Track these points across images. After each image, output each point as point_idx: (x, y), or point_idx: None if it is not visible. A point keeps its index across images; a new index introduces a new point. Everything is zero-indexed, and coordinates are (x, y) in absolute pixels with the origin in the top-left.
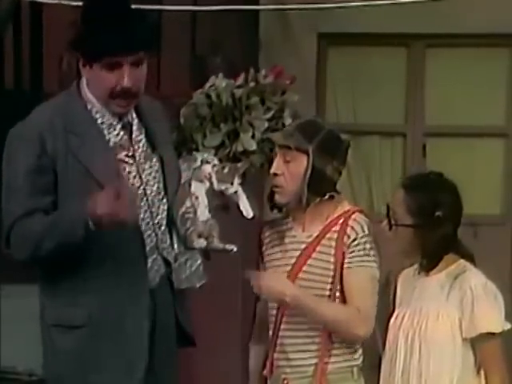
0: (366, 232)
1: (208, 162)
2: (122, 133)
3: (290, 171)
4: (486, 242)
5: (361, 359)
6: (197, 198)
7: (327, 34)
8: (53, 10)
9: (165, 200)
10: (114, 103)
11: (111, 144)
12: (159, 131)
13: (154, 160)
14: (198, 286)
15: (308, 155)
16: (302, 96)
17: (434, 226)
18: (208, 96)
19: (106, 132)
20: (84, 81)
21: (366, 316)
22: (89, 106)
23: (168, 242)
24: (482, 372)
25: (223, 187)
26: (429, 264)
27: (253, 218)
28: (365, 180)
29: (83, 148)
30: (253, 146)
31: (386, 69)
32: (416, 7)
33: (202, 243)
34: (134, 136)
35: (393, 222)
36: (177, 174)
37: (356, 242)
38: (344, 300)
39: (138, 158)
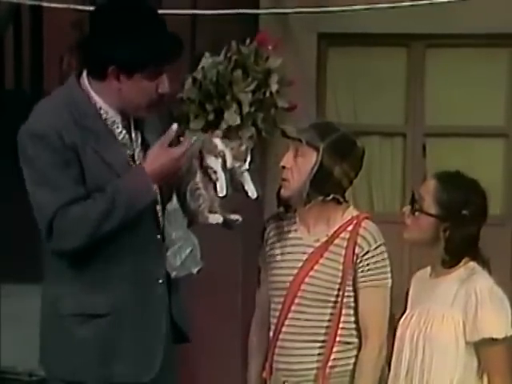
0: (378, 242)
1: (217, 137)
2: (124, 131)
3: (298, 166)
4: (485, 243)
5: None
6: (215, 172)
7: (327, 34)
8: (53, 11)
9: (159, 198)
10: (146, 110)
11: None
12: (154, 130)
13: (143, 153)
14: (195, 271)
15: (318, 152)
16: (302, 96)
17: (458, 223)
18: (195, 79)
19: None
20: (85, 79)
21: (379, 335)
22: (92, 101)
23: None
24: (486, 377)
25: (237, 165)
26: (450, 261)
27: (257, 198)
28: (365, 180)
29: (99, 142)
30: (237, 121)
31: (386, 69)
32: (416, 7)
33: (218, 219)
34: (133, 136)
35: (417, 207)
36: None
37: (369, 255)
38: (349, 303)
39: (136, 158)
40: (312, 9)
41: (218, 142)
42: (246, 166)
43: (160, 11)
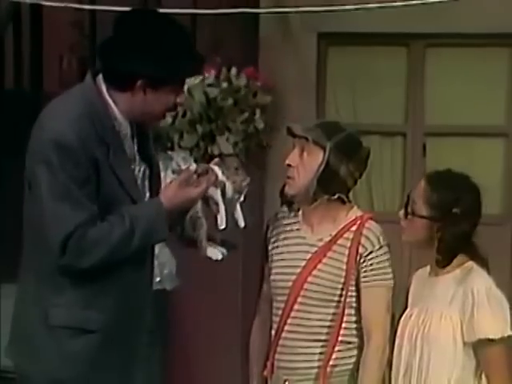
0: (382, 242)
1: (216, 165)
2: (131, 145)
3: (303, 164)
4: (485, 242)
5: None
6: (216, 203)
7: (327, 33)
8: (53, 10)
9: None
10: (160, 119)
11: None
12: (150, 141)
13: (143, 168)
14: (169, 288)
15: (324, 151)
16: (302, 96)
17: (450, 222)
18: None
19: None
20: (102, 85)
21: (382, 334)
22: (109, 111)
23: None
24: (484, 377)
25: (236, 197)
26: (443, 260)
27: (244, 227)
28: (365, 179)
29: (115, 158)
30: (229, 150)
31: (386, 68)
32: (416, 7)
33: (217, 255)
34: (135, 149)
35: (410, 211)
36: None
37: (373, 255)
38: (352, 303)
39: (136, 172)
40: (312, 8)
41: (218, 171)
42: (242, 198)
43: (159, 10)
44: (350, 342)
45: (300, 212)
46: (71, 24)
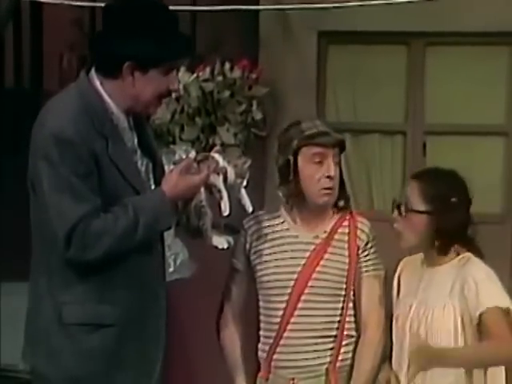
0: (374, 234)
1: (217, 153)
2: (131, 137)
3: (336, 173)
4: (485, 241)
5: None
6: (219, 190)
7: (327, 32)
8: (53, 9)
9: None
10: (155, 107)
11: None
12: (150, 134)
13: (146, 161)
14: (187, 276)
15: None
16: (303, 94)
17: (450, 211)
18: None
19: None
20: (95, 79)
21: (380, 323)
22: (105, 106)
23: None
24: (488, 370)
25: (238, 181)
26: (442, 250)
27: (252, 212)
28: (365, 178)
29: (114, 151)
30: (231, 140)
31: (386, 67)
32: (416, 5)
33: (223, 243)
34: (135, 142)
35: (403, 209)
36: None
37: (369, 245)
38: (351, 296)
39: (139, 165)
40: (311, 5)
41: (219, 158)
42: (245, 182)
43: None
44: (352, 336)
45: (282, 212)
46: (71, 22)
